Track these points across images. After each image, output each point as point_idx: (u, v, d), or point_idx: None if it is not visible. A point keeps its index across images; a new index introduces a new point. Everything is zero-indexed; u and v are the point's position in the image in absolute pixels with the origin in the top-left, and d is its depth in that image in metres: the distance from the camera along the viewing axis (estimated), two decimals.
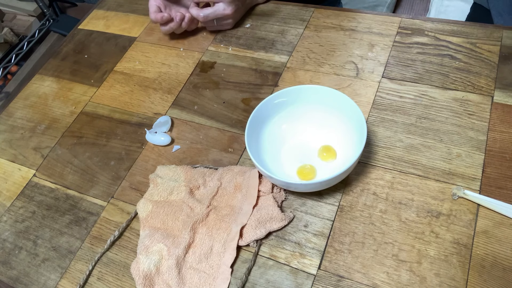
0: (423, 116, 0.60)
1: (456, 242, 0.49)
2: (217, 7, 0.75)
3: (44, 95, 0.79)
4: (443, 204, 0.52)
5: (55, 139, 0.71)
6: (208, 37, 0.80)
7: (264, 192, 0.56)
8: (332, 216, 0.54)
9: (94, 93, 0.77)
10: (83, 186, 0.64)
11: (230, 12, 0.75)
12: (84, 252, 0.57)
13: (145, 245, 0.54)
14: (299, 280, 0.50)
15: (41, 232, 0.61)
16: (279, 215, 0.53)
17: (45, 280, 0.56)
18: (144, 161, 0.65)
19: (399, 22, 0.73)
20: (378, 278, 0.49)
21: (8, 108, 0.79)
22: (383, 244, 0.51)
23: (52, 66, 0.84)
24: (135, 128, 0.69)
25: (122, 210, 0.60)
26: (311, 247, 0.52)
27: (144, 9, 0.90)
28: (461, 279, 0.47)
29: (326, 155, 0.58)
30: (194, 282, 0.51)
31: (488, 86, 0.62)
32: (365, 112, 0.63)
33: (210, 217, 0.55)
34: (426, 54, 0.68)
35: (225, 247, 0.53)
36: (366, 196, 0.55)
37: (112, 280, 0.54)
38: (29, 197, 0.65)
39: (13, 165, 0.70)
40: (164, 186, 0.59)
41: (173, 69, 0.77)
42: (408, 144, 0.58)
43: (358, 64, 0.69)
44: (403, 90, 0.64)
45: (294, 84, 0.68)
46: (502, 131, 0.57)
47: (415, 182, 0.55)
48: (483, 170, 0.54)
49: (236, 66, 0.74)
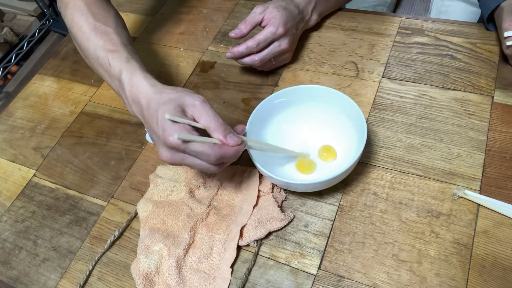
0: (423, 116, 0.60)
1: (456, 242, 0.49)
2: (271, 46, 0.65)
3: (44, 95, 0.79)
4: (443, 204, 0.52)
5: (55, 139, 0.71)
6: (208, 37, 0.80)
7: (264, 192, 0.56)
8: (332, 216, 0.54)
9: (94, 93, 0.77)
10: (83, 186, 0.64)
11: (287, 46, 0.66)
12: (84, 252, 0.57)
13: (145, 245, 0.54)
14: (299, 280, 0.50)
15: (41, 232, 0.61)
16: (279, 215, 0.53)
17: (45, 280, 0.56)
18: (144, 161, 0.65)
19: (399, 22, 0.73)
20: (378, 278, 0.49)
21: (8, 108, 0.79)
22: (383, 244, 0.51)
23: (52, 66, 0.84)
24: (135, 128, 0.69)
25: (122, 210, 0.60)
26: (311, 247, 0.52)
27: (144, 9, 0.90)
28: (461, 279, 0.47)
29: (326, 155, 0.58)
30: (194, 282, 0.51)
31: (488, 86, 0.62)
32: (365, 112, 0.63)
33: (210, 217, 0.55)
34: (426, 54, 0.68)
35: (225, 247, 0.53)
36: (366, 196, 0.55)
37: (112, 280, 0.54)
38: (29, 197, 0.65)
39: (13, 165, 0.70)
40: (164, 186, 0.59)
41: (173, 69, 0.76)
42: (408, 144, 0.58)
43: (358, 64, 0.69)
44: (403, 90, 0.64)
45: (294, 84, 0.68)
46: (502, 131, 0.57)
47: (415, 182, 0.55)
48: (483, 170, 0.54)
49: (236, 66, 0.74)
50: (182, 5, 0.88)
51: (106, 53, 0.56)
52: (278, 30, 0.63)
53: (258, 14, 0.65)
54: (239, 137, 0.48)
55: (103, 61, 0.56)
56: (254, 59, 0.65)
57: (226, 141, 0.47)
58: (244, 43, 0.64)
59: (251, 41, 0.63)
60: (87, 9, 0.60)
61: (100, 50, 0.56)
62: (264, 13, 0.65)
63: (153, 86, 0.50)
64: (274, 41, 0.65)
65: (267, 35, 0.63)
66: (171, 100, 0.47)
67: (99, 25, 0.58)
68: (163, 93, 0.49)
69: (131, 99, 0.52)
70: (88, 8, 0.60)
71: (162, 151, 0.48)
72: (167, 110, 0.46)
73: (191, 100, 0.47)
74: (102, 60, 0.56)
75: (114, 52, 0.55)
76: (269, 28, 0.63)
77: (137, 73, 0.52)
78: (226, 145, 0.47)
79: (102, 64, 0.56)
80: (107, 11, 0.61)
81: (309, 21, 0.72)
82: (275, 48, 0.65)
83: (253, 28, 0.65)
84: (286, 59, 0.70)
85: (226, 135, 0.47)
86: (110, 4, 0.64)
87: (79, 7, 0.60)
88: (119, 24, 0.61)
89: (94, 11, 0.60)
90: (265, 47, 0.65)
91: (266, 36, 0.63)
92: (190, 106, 0.47)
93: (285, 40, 0.65)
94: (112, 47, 0.56)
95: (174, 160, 0.48)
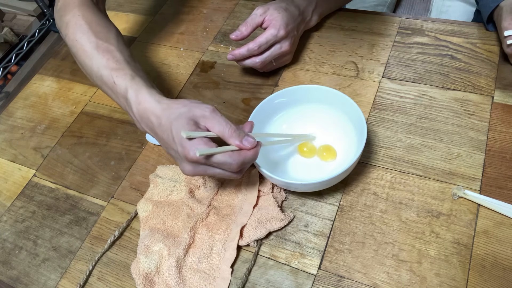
0: (423, 116, 0.60)
1: (456, 242, 0.49)
2: (272, 48, 0.65)
3: (44, 95, 0.79)
4: (443, 204, 0.52)
5: (55, 139, 0.71)
6: (208, 37, 0.80)
7: (264, 192, 0.56)
8: (332, 216, 0.54)
9: (94, 93, 0.77)
10: (83, 186, 0.64)
11: (288, 48, 0.66)
12: (84, 252, 0.57)
13: (145, 245, 0.54)
14: (299, 280, 0.50)
15: (41, 232, 0.61)
16: (279, 215, 0.53)
17: (45, 280, 0.56)
18: (144, 161, 0.65)
19: (399, 22, 0.73)
20: (379, 278, 0.49)
21: (8, 108, 0.79)
22: (383, 244, 0.51)
23: (52, 66, 0.84)
24: (135, 128, 0.69)
25: (122, 210, 0.60)
26: (311, 247, 0.52)
27: (144, 9, 0.90)
28: (461, 279, 0.47)
29: (326, 155, 0.58)
30: (194, 282, 0.51)
31: (488, 86, 0.62)
32: (365, 112, 0.63)
33: (210, 217, 0.55)
34: (426, 54, 0.68)
35: (225, 247, 0.53)
36: (366, 196, 0.55)
37: (112, 280, 0.54)
38: (29, 197, 0.65)
39: (13, 165, 0.70)
40: (164, 186, 0.59)
41: (173, 69, 0.76)
42: (408, 144, 0.58)
43: (358, 64, 0.69)
44: (403, 90, 0.64)
45: (294, 84, 0.68)
46: (502, 131, 0.57)
47: (415, 182, 0.55)
48: (483, 170, 0.54)
49: (236, 66, 0.74)
50: (182, 5, 0.88)
51: (110, 71, 0.55)
52: (279, 33, 0.63)
53: (259, 16, 0.65)
54: (253, 137, 0.48)
55: (107, 80, 0.56)
56: (255, 61, 0.65)
57: (244, 146, 0.47)
58: (245, 45, 0.64)
59: (252, 43, 0.63)
60: (88, 27, 0.59)
61: (104, 69, 0.56)
62: (265, 15, 0.65)
63: (160, 102, 0.51)
64: (275, 43, 0.65)
65: (268, 38, 0.63)
66: (181, 115, 0.48)
67: (101, 43, 0.58)
68: (171, 109, 0.49)
69: (139, 116, 0.52)
70: (89, 27, 0.59)
71: (184, 166, 0.48)
72: (181, 126, 0.47)
73: (201, 112, 0.48)
74: (106, 79, 0.56)
75: (118, 70, 0.55)
76: (270, 30, 0.63)
77: (142, 90, 0.52)
78: (244, 150, 0.48)
79: (107, 82, 0.56)
80: (108, 29, 0.61)
81: (310, 22, 0.72)
82: (276, 50, 0.65)
83: (254, 30, 0.65)
84: (287, 60, 0.70)
85: (242, 139, 0.47)
86: (110, 21, 0.64)
87: (80, 26, 0.60)
88: (120, 41, 0.60)
89: (96, 29, 0.60)
90: (266, 49, 0.65)
91: (267, 38, 0.63)
92: (202, 118, 0.48)
93: (286, 42, 0.65)
94: (116, 65, 0.56)
95: (197, 173, 0.49)
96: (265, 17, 0.64)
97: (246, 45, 0.64)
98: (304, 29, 0.72)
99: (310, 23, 0.72)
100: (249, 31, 0.65)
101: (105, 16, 0.64)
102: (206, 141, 0.47)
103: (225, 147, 0.47)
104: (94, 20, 0.61)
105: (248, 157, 0.48)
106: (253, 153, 0.48)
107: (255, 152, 0.48)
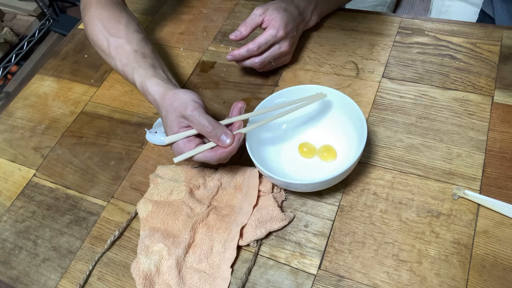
0: (423, 116, 0.60)
1: (456, 242, 0.49)
2: (272, 49, 0.65)
3: (44, 95, 0.79)
4: (443, 204, 0.52)
5: (55, 139, 0.71)
6: (208, 37, 0.80)
7: (265, 192, 0.56)
8: (332, 216, 0.54)
9: (94, 93, 0.77)
10: (83, 186, 0.64)
11: (287, 48, 0.66)
12: (84, 252, 0.57)
13: (145, 245, 0.54)
14: (299, 280, 0.50)
15: (41, 232, 0.61)
16: (279, 215, 0.53)
17: (45, 280, 0.56)
18: (144, 161, 0.65)
19: (399, 22, 0.73)
20: (379, 278, 0.49)
21: (8, 108, 0.79)
22: (383, 244, 0.51)
23: (52, 66, 0.84)
24: (135, 128, 0.69)
25: (122, 210, 0.60)
26: (312, 247, 0.52)
27: (144, 9, 0.90)
28: (461, 279, 0.47)
29: (326, 155, 0.58)
30: (194, 282, 0.51)
31: (488, 86, 0.62)
32: (365, 112, 0.63)
33: (210, 217, 0.55)
34: (426, 54, 0.68)
35: (225, 247, 0.53)
36: (366, 196, 0.55)
37: (112, 280, 0.54)
38: (29, 197, 0.65)
39: (13, 165, 0.70)
40: (164, 186, 0.59)
41: (173, 69, 0.76)
42: (408, 144, 0.58)
43: (358, 64, 0.69)
44: (403, 90, 0.64)
45: (294, 84, 0.68)
46: (502, 131, 0.57)
47: (415, 182, 0.55)
48: (483, 170, 0.54)
49: (236, 66, 0.74)
50: (182, 5, 0.88)
51: (123, 68, 0.61)
52: (278, 33, 0.63)
53: (258, 16, 0.65)
54: (232, 133, 0.52)
55: (125, 76, 0.62)
56: (254, 62, 0.65)
57: (221, 144, 0.52)
58: (244, 46, 0.64)
59: (252, 44, 0.63)
60: (102, 26, 0.64)
61: (120, 67, 0.62)
62: (265, 15, 0.65)
63: (158, 93, 0.55)
64: (274, 44, 0.65)
65: (268, 38, 0.63)
66: (175, 110, 0.53)
67: (113, 40, 0.62)
68: (166, 100, 0.54)
69: (155, 105, 0.57)
70: (102, 25, 0.64)
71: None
72: (170, 124, 0.53)
73: (185, 111, 0.52)
74: (124, 75, 0.62)
75: (127, 66, 0.60)
76: (270, 31, 0.63)
77: (145, 81, 0.57)
78: (221, 149, 0.52)
79: (127, 78, 0.62)
80: (118, 21, 0.64)
81: (309, 22, 0.72)
82: (276, 51, 0.65)
83: (253, 30, 0.65)
84: (286, 60, 0.70)
85: (219, 137, 0.52)
86: (122, 9, 0.67)
87: (95, 27, 0.65)
88: (130, 29, 0.64)
89: (107, 25, 0.63)
90: (266, 49, 0.65)
91: (266, 39, 0.63)
92: (186, 116, 0.52)
93: (285, 43, 0.65)
94: (125, 59, 0.61)
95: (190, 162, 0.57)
96: (265, 17, 0.64)
97: (246, 45, 0.64)
98: (304, 29, 0.72)
99: (310, 23, 0.72)
100: (248, 31, 0.65)
101: (117, 7, 0.67)
102: (185, 141, 0.52)
103: (201, 147, 0.52)
104: (106, 17, 0.65)
105: (224, 155, 0.52)
106: (229, 151, 0.52)
107: (232, 148, 0.52)
